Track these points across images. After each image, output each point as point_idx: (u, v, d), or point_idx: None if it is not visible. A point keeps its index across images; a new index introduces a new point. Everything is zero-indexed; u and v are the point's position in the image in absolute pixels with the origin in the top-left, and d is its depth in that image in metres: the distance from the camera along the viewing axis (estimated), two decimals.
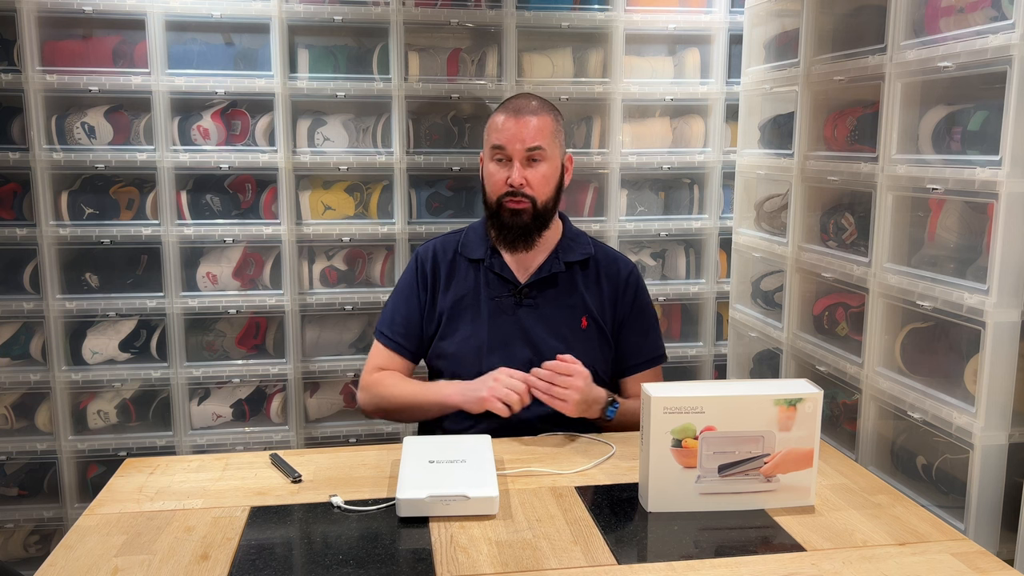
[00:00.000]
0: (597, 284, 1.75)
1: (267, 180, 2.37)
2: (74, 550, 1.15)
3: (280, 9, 2.27)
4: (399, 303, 1.77)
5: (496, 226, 1.69)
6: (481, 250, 1.73)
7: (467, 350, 1.69)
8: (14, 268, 2.30)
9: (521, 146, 1.62)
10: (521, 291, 1.70)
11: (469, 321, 1.71)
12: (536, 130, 1.62)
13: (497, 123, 1.65)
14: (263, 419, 2.46)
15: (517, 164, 1.63)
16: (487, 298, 1.71)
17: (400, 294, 1.78)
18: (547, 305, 1.71)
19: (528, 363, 1.65)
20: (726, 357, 2.61)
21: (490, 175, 1.68)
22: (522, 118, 1.63)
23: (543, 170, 1.65)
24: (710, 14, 2.49)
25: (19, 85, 2.19)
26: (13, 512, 2.35)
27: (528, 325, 1.70)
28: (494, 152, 1.66)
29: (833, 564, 1.13)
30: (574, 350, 1.67)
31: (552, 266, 1.72)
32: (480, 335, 1.69)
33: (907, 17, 1.67)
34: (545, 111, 1.66)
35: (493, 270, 1.72)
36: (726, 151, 2.54)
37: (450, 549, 1.15)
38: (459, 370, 1.69)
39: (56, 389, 2.31)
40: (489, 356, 1.67)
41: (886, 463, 1.78)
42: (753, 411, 1.25)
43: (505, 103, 1.69)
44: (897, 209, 1.73)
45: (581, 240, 1.78)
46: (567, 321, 1.71)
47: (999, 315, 1.45)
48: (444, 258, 1.76)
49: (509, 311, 1.70)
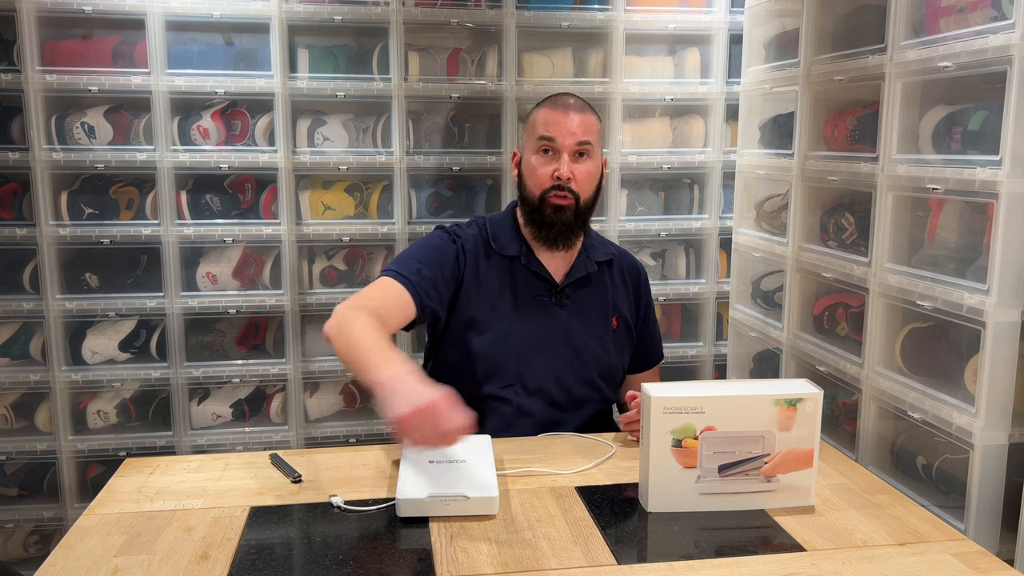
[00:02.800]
0: (623, 284, 1.75)
1: (267, 180, 2.37)
2: (74, 550, 1.15)
3: (280, 9, 2.27)
4: (428, 259, 1.60)
5: (536, 223, 1.63)
6: (515, 246, 1.66)
7: (505, 348, 1.63)
8: (14, 268, 2.30)
9: (572, 139, 1.58)
10: (562, 291, 1.67)
11: (506, 318, 1.64)
12: (585, 126, 1.60)
13: (542, 117, 1.61)
14: (263, 419, 2.46)
15: (566, 157, 1.58)
16: (525, 296, 1.66)
17: (432, 253, 1.62)
18: (583, 305, 1.69)
19: (569, 364, 1.66)
20: (726, 357, 2.61)
21: (533, 168, 1.62)
22: (571, 113, 1.60)
23: (589, 166, 1.62)
24: (710, 14, 2.49)
25: (19, 85, 2.19)
26: (13, 512, 2.35)
27: (569, 326, 1.66)
28: (541, 143, 1.60)
29: (833, 564, 1.13)
30: (609, 352, 1.70)
31: (586, 266, 1.69)
32: (519, 334, 1.64)
33: (907, 17, 1.67)
34: (590, 111, 1.64)
35: (531, 268, 1.66)
36: (726, 151, 2.54)
37: (450, 549, 1.15)
38: (495, 369, 1.63)
39: (56, 389, 2.30)
40: (530, 356, 1.64)
41: (886, 463, 1.78)
42: (753, 411, 1.24)
43: (548, 99, 1.65)
44: (897, 209, 1.73)
45: (601, 240, 1.78)
46: (601, 322, 1.70)
47: (999, 315, 1.45)
48: (485, 249, 1.67)
49: (549, 311, 1.66)
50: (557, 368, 1.65)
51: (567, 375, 1.66)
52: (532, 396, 1.64)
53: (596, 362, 1.68)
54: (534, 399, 1.64)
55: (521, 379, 1.64)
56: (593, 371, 1.68)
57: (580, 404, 1.68)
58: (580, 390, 1.67)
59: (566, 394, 1.66)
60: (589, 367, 1.67)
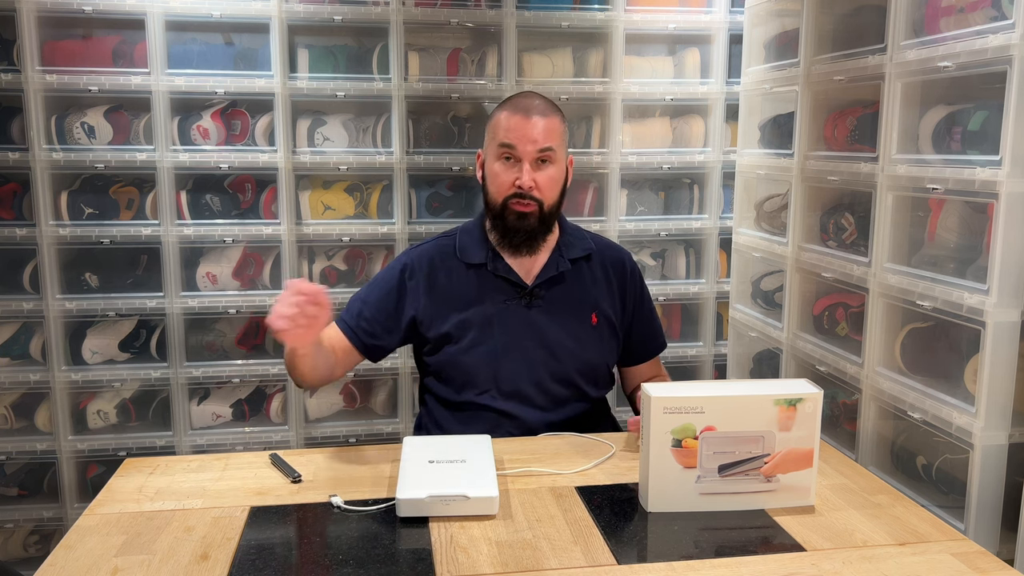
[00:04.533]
0: (605, 278, 1.72)
1: (267, 180, 2.37)
2: (74, 550, 1.15)
3: (280, 9, 2.27)
4: (371, 298, 1.66)
5: (500, 229, 1.62)
6: (481, 254, 1.66)
7: (480, 356, 1.62)
8: (14, 268, 2.30)
9: (533, 147, 1.55)
10: (531, 292, 1.65)
11: (478, 327, 1.63)
12: (547, 131, 1.56)
13: (503, 121, 1.58)
14: (263, 419, 2.46)
15: (527, 165, 1.56)
16: (495, 302, 1.65)
17: (375, 290, 1.67)
18: (557, 304, 1.67)
19: (544, 364, 1.64)
20: (726, 357, 2.61)
21: (495, 175, 1.60)
22: (532, 118, 1.56)
23: (551, 172, 1.59)
24: (710, 14, 2.49)
25: (19, 85, 2.19)
26: (13, 512, 2.35)
27: (541, 326, 1.65)
28: (501, 151, 1.58)
29: (833, 564, 1.13)
30: (587, 347, 1.68)
31: (558, 264, 1.67)
32: (492, 340, 1.63)
33: (907, 17, 1.67)
34: (553, 112, 1.61)
35: (498, 273, 1.65)
36: (726, 151, 2.54)
37: (450, 549, 1.15)
38: (473, 377, 1.64)
39: (56, 389, 2.30)
40: (504, 360, 1.63)
41: (886, 463, 1.78)
42: (753, 411, 1.24)
43: (509, 101, 1.63)
44: (897, 209, 1.73)
45: (579, 235, 1.74)
46: (578, 319, 1.68)
47: (999, 315, 1.45)
48: (442, 264, 1.67)
49: (520, 314, 1.65)
50: (533, 370, 1.64)
51: (544, 376, 1.65)
52: (509, 400, 1.63)
53: (573, 360, 1.66)
54: (512, 403, 1.63)
55: (497, 384, 1.63)
56: (571, 369, 1.66)
57: (561, 403, 1.66)
58: (559, 390, 1.66)
59: (544, 395, 1.65)
60: (566, 366, 1.65)
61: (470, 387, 1.64)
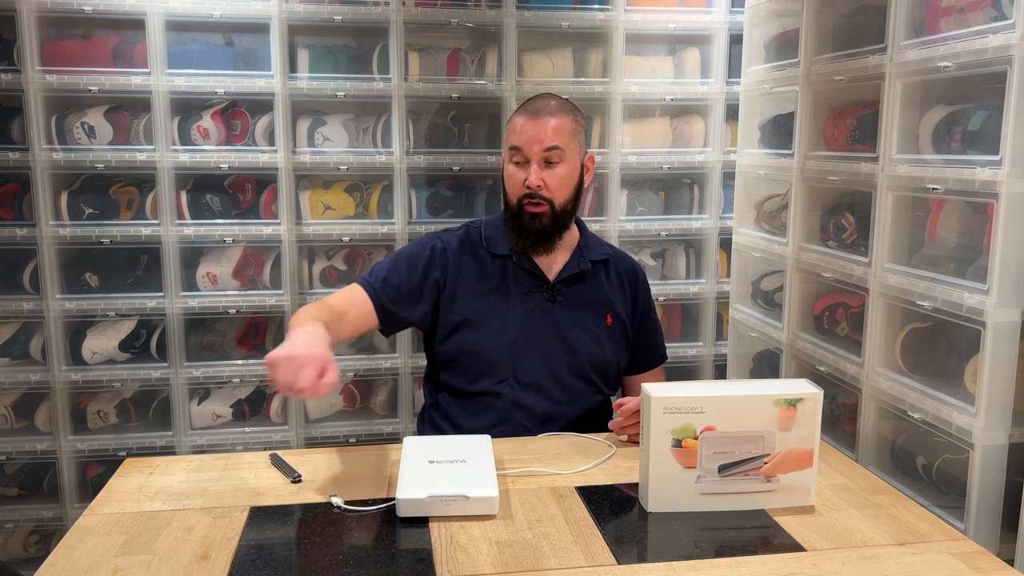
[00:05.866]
0: (619, 283, 1.77)
1: (267, 180, 2.37)
2: (74, 550, 1.15)
3: (280, 9, 2.27)
4: (399, 267, 1.68)
5: (516, 229, 1.67)
6: (506, 245, 1.70)
7: (499, 345, 1.66)
8: (14, 268, 2.30)
9: (538, 147, 1.61)
10: (553, 287, 1.70)
11: (499, 315, 1.68)
12: (553, 131, 1.61)
13: (515, 125, 1.64)
14: (263, 419, 2.46)
15: (534, 166, 1.62)
16: (518, 293, 1.69)
17: (403, 262, 1.69)
18: (576, 302, 1.72)
19: (562, 358, 1.68)
20: (726, 357, 2.61)
21: (509, 177, 1.67)
22: (540, 119, 1.61)
23: (560, 171, 1.63)
24: (710, 14, 2.48)
25: (19, 85, 2.19)
26: (13, 512, 2.35)
27: (561, 321, 1.70)
28: (512, 154, 1.65)
29: (833, 564, 1.13)
30: (603, 346, 1.73)
31: (579, 263, 1.72)
32: (512, 330, 1.67)
33: (907, 17, 1.67)
34: (564, 111, 1.64)
35: (522, 266, 1.69)
36: (726, 151, 2.54)
37: (450, 549, 1.15)
38: (492, 365, 1.67)
39: (56, 389, 2.30)
40: (523, 351, 1.67)
41: (886, 463, 1.78)
42: (753, 411, 1.25)
43: (525, 104, 1.68)
44: (897, 209, 1.73)
45: (597, 241, 1.80)
46: (595, 318, 1.73)
47: (999, 315, 1.45)
48: (471, 250, 1.72)
49: (542, 307, 1.70)
50: (551, 362, 1.68)
51: (561, 368, 1.69)
52: (526, 390, 1.67)
53: (589, 355, 1.71)
54: (528, 393, 1.67)
55: (516, 374, 1.67)
56: (586, 364, 1.71)
57: (575, 397, 1.71)
58: (574, 383, 1.70)
59: (560, 387, 1.69)
60: (582, 360, 1.70)
61: (488, 375, 1.67)
